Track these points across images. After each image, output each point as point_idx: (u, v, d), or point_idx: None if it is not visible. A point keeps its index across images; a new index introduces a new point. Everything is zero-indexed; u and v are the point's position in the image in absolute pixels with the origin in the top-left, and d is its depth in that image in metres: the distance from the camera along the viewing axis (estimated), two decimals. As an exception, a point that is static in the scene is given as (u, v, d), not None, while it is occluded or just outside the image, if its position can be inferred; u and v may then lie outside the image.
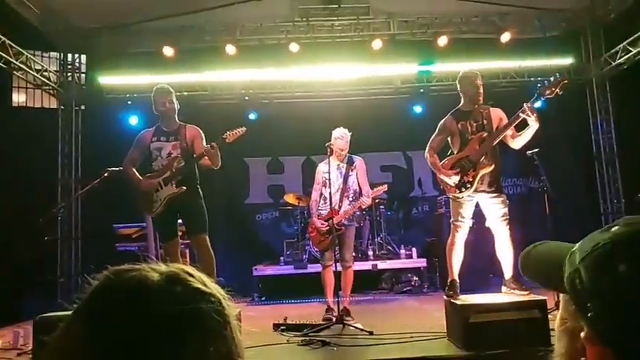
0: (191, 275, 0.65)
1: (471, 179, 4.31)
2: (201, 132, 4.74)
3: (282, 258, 8.01)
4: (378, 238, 8.11)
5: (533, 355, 3.45)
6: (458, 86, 4.63)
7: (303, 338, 4.35)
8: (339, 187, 5.32)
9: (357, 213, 5.53)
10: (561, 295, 0.68)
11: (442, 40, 8.31)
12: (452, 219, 4.50)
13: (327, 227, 5.24)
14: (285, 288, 7.51)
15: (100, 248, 7.66)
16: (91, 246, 8.26)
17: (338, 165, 5.40)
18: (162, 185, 4.57)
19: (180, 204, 4.62)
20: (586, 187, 9.16)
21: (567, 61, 8.82)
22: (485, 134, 4.37)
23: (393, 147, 9.58)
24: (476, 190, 4.34)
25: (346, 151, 5.38)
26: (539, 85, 4.33)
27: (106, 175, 5.80)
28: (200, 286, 0.65)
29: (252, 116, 9.11)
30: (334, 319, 4.81)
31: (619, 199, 8.64)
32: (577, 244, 0.63)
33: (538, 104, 4.39)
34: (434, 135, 4.60)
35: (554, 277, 0.64)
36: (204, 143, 4.62)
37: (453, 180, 4.34)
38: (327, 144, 5.29)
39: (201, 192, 4.83)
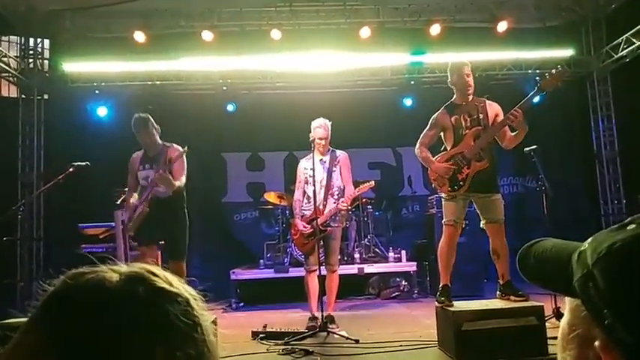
0: (155, 275, 0.64)
1: (464, 177, 4.32)
2: (181, 149, 5.10)
3: (262, 261, 7.98)
4: (365, 239, 8.12)
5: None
6: (448, 78, 4.64)
7: (284, 347, 4.34)
8: (322, 184, 5.29)
9: (342, 213, 5.51)
10: (567, 299, 0.66)
11: (435, 29, 8.34)
12: (444, 219, 4.50)
13: (311, 230, 5.22)
14: (265, 293, 7.49)
15: (63, 250, 7.56)
16: (54, 248, 8.15)
17: (321, 159, 5.36)
18: (146, 207, 4.94)
19: (162, 223, 4.91)
20: (586, 186, 9.29)
21: (567, 52, 8.92)
22: (481, 129, 4.37)
23: (382, 142, 9.61)
24: (469, 189, 4.35)
25: (327, 141, 5.32)
26: (537, 77, 4.37)
27: (71, 170, 5.71)
28: (165, 285, 0.63)
29: (230, 108, 9.07)
30: (318, 327, 4.80)
31: (620, 200, 8.78)
32: (586, 243, 0.61)
33: (537, 99, 4.40)
34: (425, 130, 4.60)
35: (558, 278, 0.62)
36: (185, 165, 5.10)
37: (447, 174, 4.35)
38: (310, 138, 5.27)
39: (187, 216, 5.12)
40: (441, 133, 4.57)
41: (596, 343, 0.59)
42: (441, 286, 4.38)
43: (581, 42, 9.06)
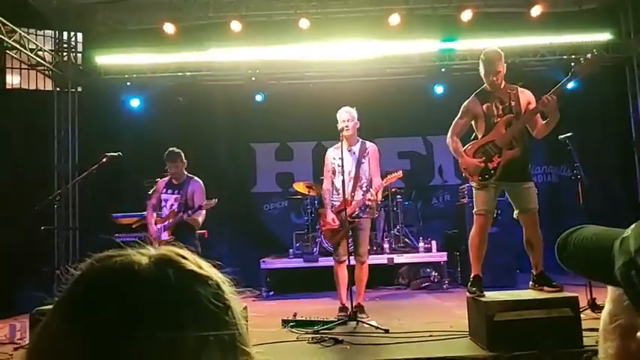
0: (184, 257, 0.63)
1: (496, 165, 4.25)
2: (202, 186, 5.75)
3: (291, 250, 8.04)
4: (395, 230, 8.09)
5: (563, 356, 3.42)
6: (479, 66, 4.53)
7: (313, 335, 4.36)
8: (350, 175, 5.25)
9: (370, 204, 5.45)
10: (609, 288, 0.64)
11: (466, 15, 8.18)
12: (474, 209, 4.42)
13: (339, 223, 5.20)
14: (295, 282, 7.54)
15: (98, 239, 7.75)
16: (89, 236, 8.35)
17: (350, 149, 5.32)
18: (162, 231, 5.69)
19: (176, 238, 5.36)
20: (623, 175, 9.03)
21: (605, 36, 8.64)
22: (513, 116, 4.29)
23: (412, 131, 9.52)
24: (501, 178, 4.27)
25: (352, 127, 5.24)
26: (573, 63, 4.26)
27: (104, 161, 5.85)
28: (195, 268, 0.62)
29: (258, 98, 9.10)
30: (348, 316, 4.81)
31: (659, 190, 8.50)
32: (629, 229, 0.59)
33: (571, 84, 4.27)
34: (457, 118, 4.53)
35: (600, 266, 0.60)
36: (204, 197, 5.65)
37: (476, 172, 4.30)
38: (339, 127, 5.23)
39: (199, 246, 5.34)
40: (472, 122, 4.49)
41: (639, 334, 0.57)
42: (472, 276, 4.32)
43: (619, 25, 8.76)
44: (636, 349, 0.58)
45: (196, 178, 5.80)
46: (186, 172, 5.82)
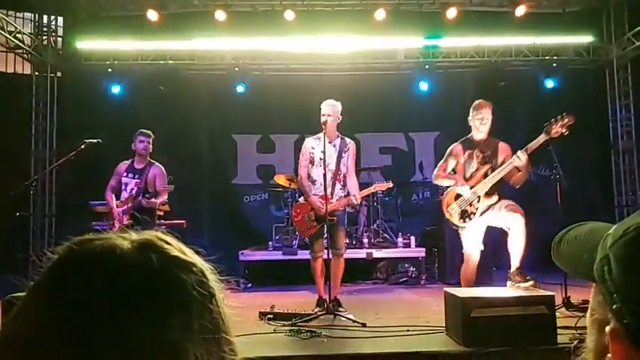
0: (167, 243, 0.61)
1: (474, 210, 4.66)
2: (164, 171, 5.80)
3: (270, 243, 8.00)
4: (374, 224, 8.10)
5: (536, 354, 3.46)
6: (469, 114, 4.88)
7: (291, 328, 4.35)
8: (330, 168, 5.18)
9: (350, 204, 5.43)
10: (593, 284, 0.64)
11: (451, 13, 8.20)
12: (463, 249, 4.79)
13: (315, 218, 5.17)
14: (273, 275, 7.51)
15: (75, 226, 7.63)
16: (65, 224, 8.22)
17: (331, 142, 5.27)
18: (121, 215, 5.66)
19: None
20: (600, 177, 9.16)
21: (586, 39, 8.76)
22: (490, 167, 4.69)
23: (394, 127, 9.52)
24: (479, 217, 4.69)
25: (333, 120, 5.16)
26: (545, 123, 4.53)
27: (82, 147, 5.74)
28: (179, 254, 0.61)
29: (240, 89, 9.02)
30: (325, 310, 4.81)
31: (635, 192, 8.64)
32: (614, 227, 0.60)
33: (543, 138, 4.62)
34: (441, 161, 4.97)
35: (585, 263, 0.61)
36: (165, 182, 5.73)
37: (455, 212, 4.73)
38: (322, 120, 5.18)
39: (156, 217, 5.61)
40: (453, 164, 4.89)
41: (607, 328, 0.58)
42: None
43: (601, 28, 8.87)
44: (609, 343, 0.58)
45: (157, 163, 5.83)
46: (149, 158, 5.85)
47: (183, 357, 0.54)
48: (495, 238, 4.68)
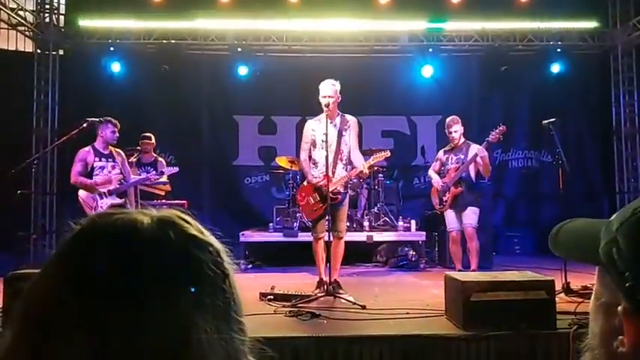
0: (186, 222, 0.63)
1: (446, 199, 6.06)
2: (124, 157, 6.04)
3: (271, 225, 7.98)
4: (375, 208, 8.07)
5: (536, 338, 3.46)
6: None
7: (291, 309, 4.35)
8: (331, 149, 5.12)
9: (354, 180, 5.40)
10: (597, 268, 0.66)
11: (456, -4, 8.10)
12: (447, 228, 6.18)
13: (319, 199, 5.13)
14: (274, 256, 7.51)
15: (76, 205, 7.60)
16: (67, 202, 8.20)
17: (332, 122, 5.19)
18: (105, 195, 5.71)
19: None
20: (602, 162, 9.12)
21: (591, 24, 8.65)
22: (459, 166, 5.93)
23: (397, 110, 9.45)
24: (451, 207, 6.04)
25: (334, 101, 5.08)
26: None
27: (84, 125, 5.71)
28: (197, 233, 0.63)
29: (243, 71, 8.93)
30: (325, 291, 4.81)
31: (637, 178, 8.61)
32: (614, 215, 0.62)
33: (485, 145, 5.83)
34: (433, 162, 6.40)
35: (589, 248, 0.63)
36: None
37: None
38: (322, 103, 5.10)
39: None
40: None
41: (619, 308, 0.59)
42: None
43: (606, 14, 8.76)
44: (619, 324, 0.60)
45: (120, 150, 6.02)
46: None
47: (194, 330, 0.57)
48: (495, 223, 4.66)
